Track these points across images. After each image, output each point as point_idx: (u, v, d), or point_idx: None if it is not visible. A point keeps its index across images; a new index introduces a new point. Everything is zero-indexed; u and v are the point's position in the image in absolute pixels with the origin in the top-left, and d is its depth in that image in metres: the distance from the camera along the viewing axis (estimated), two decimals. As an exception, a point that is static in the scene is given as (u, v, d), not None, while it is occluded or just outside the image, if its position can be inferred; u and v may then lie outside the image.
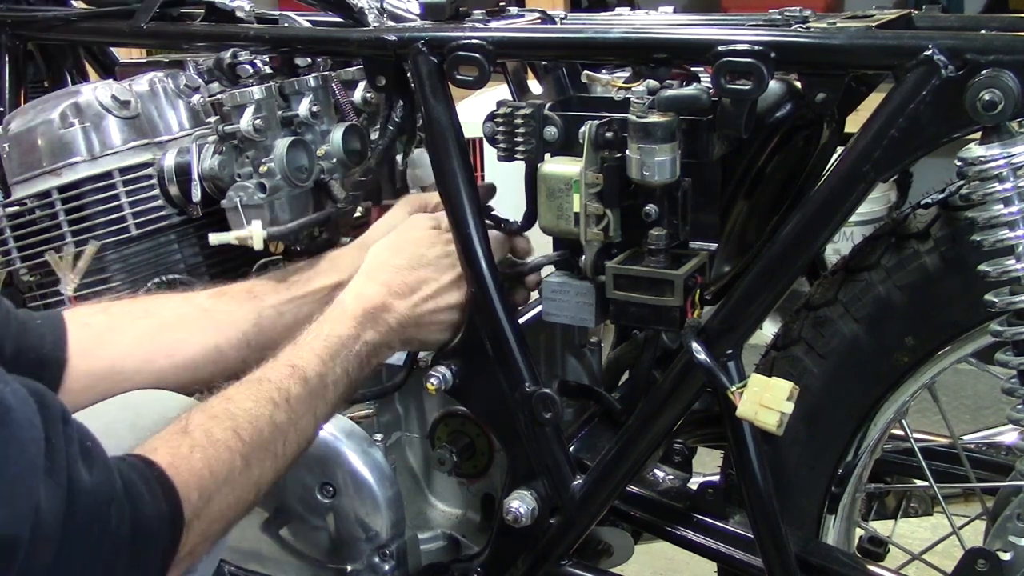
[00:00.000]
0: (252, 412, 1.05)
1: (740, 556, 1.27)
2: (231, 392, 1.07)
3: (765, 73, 1.05)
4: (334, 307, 1.21)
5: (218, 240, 1.32)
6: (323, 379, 1.14)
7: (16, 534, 0.78)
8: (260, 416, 1.05)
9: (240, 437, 1.02)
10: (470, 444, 1.41)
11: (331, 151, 1.39)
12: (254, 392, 1.07)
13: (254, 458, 1.03)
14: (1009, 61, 0.97)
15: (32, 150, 1.40)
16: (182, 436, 0.98)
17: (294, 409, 1.09)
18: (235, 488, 1.00)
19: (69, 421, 0.87)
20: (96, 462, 0.86)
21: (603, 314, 1.21)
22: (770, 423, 1.07)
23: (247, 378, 1.10)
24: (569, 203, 1.16)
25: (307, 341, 1.16)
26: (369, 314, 1.20)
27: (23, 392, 0.84)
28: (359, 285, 1.24)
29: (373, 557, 1.36)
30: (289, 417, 1.08)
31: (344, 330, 1.18)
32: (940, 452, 1.44)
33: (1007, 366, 1.06)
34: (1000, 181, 1.00)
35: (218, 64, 1.38)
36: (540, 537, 1.29)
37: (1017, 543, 1.13)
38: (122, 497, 0.86)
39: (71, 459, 0.84)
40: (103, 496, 0.85)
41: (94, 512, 0.84)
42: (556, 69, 1.38)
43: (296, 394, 1.10)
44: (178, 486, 0.93)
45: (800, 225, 1.09)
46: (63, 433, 0.85)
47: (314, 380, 1.13)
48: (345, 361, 1.17)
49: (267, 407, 1.06)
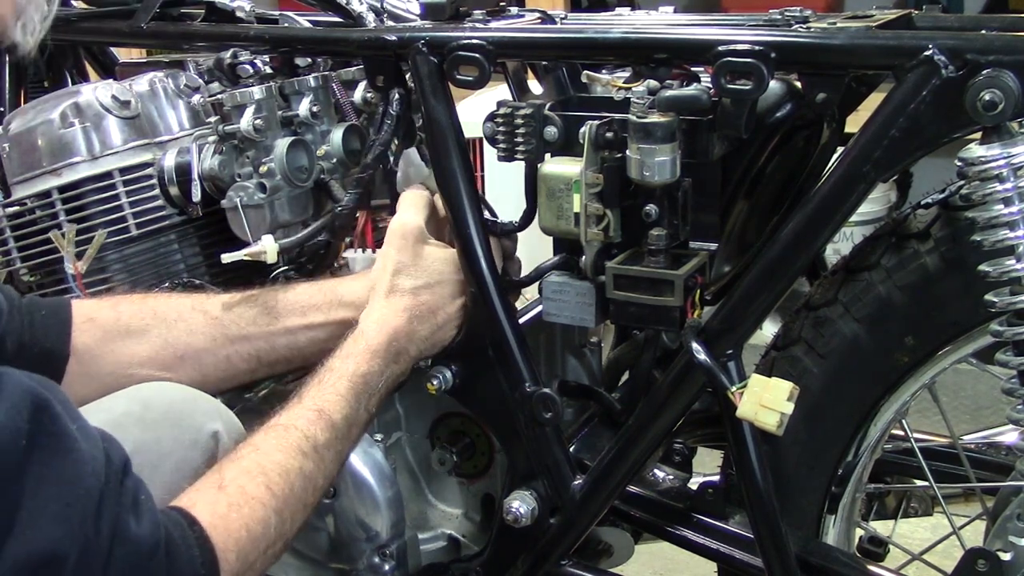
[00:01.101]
0: (282, 465, 1.04)
1: (740, 556, 1.27)
2: (259, 441, 1.06)
3: (765, 73, 1.05)
4: (357, 340, 1.19)
5: (231, 258, 1.31)
6: (348, 421, 1.13)
7: (66, 553, 0.80)
8: (290, 469, 1.04)
9: (272, 492, 1.01)
10: (470, 444, 1.41)
11: (331, 151, 1.39)
12: (283, 442, 1.06)
13: (287, 512, 1.02)
14: (1009, 61, 0.97)
15: (32, 150, 1.40)
16: (219, 492, 0.98)
17: (322, 456, 1.08)
18: (269, 544, 1.00)
19: (129, 473, 0.89)
20: (145, 515, 0.87)
21: (603, 314, 1.21)
22: (770, 423, 1.07)
23: (274, 423, 1.09)
24: (569, 203, 1.16)
25: (332, 382, 1.14)
26: (392, 348, 1.19)
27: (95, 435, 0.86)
28: (379, 312, 1.21)
29: (373, 557, 1.36)
30: (317, 466, 1.08)
31: (368, 367, 1.17)
32: (940, 452, 1.44)
33: (1007, 366, 1.06)
34: (1000, 181, 1.00)
35: (218, 64, 1.38)
36: (540, 537, 1.29)
37: (1017, 543, 1.13)
38: (163, 554, 0.87)
39: (123, 507, 0.85)
40: (146, 548, 0.86)
41: (135, 562, 0.85)
42: (556, 69, 1.38)
43: (324, 441, 1.09)
44: (217, 548, 0.93)
45: (800, 225, 1.09)
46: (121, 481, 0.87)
47: (340, 424, 1.12)
48: (368, 400, 1.17)
49: (296, 458, 1.05)
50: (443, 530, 1.45)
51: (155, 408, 1.14)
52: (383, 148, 1.32)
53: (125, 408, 1.13)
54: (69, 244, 1.37)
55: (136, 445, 1.09)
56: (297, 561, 1.42)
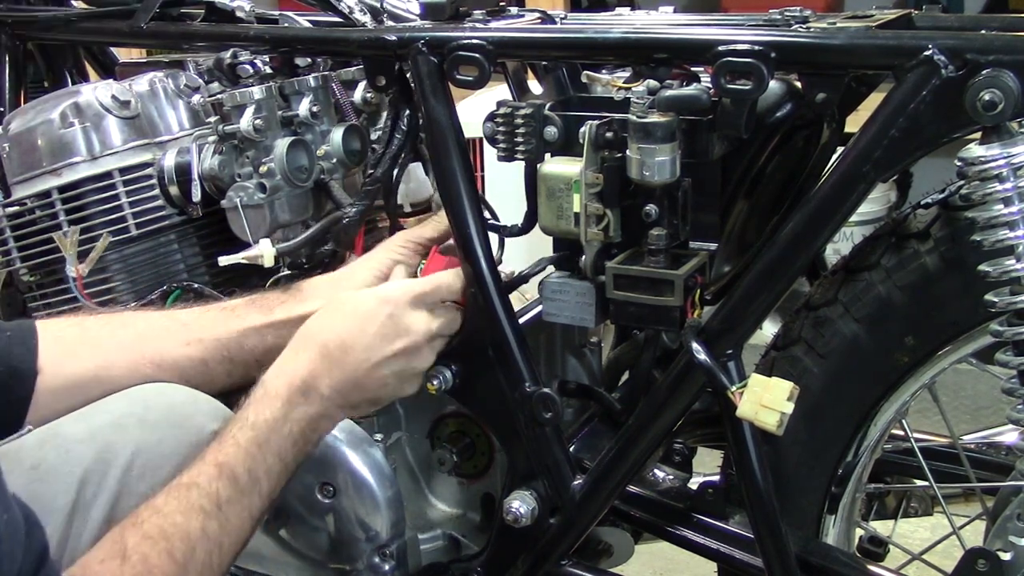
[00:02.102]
0: (183, 528, 1.01)
1: (740, 556, 1.27)
2: (161, 503, 1.03)
3: (765, 73, 1.05)
4: (257, 388, 1.14)
5: (228, 261, 1.31)
6: (253, 473, 1.08)
7: None
8: (191, 532, 1.01)
9: (175, 559, 0.99)
10: (470, 444, 1.41)
11: (331, 151, 1.39)
12: (183, 503, 1.03)
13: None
14: (1009, 61, 0.97)
15: (32, 150, 1.40)
16: (122, 564, 0.96)
17: (225, 514, 1.05)
18: None
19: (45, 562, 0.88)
20: None
21: (603, 314, 1.21)
22: (770, 423, 1.07)
23: (176, 483, 1.05)
24: (569, 203, 1.16)
25: (232, 433, 1.10)
26: (296, 389, 1.13)
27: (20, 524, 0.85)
28: (283, 360, 1.17)
29: (373, 557, 1.36)
30: (221, 525, 1.04)
31: (269, 413, 1.11)
32: (940, 452, 1.44)
33: (1007, 366, 1.06)
34: (1000, 181, 1.00)
35: (218, 64, 1.38)
36: (540, 537, 1.29)
37: (1017, 543, 1.13)
38: None
39: None
40: None
41: None
42: (556, 69, 1.38)
43: (226, 496, 1.05)
44: None
45: (800, 225, 1.09)
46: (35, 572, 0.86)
47: (243, 477, 1.07)
48: (277, 447, 1.11)
49: (198, 519, 1.02)
50: (443, 530, 1.45)
51: (156, 409, 1.14)
52: (391, 162, 1.32)
53: (126, 409, 1.13)
54: (72, 247, 1.37)
55: (138, 446, 1.10)
56: (297, 561, 1.42)
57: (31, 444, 1.10)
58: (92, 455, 1.09)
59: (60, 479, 1.07)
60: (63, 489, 1.07)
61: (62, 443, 1.10)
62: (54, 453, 1.09)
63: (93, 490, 1.08)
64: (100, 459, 1.09)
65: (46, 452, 1.09)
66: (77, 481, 1.07)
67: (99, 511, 1.08)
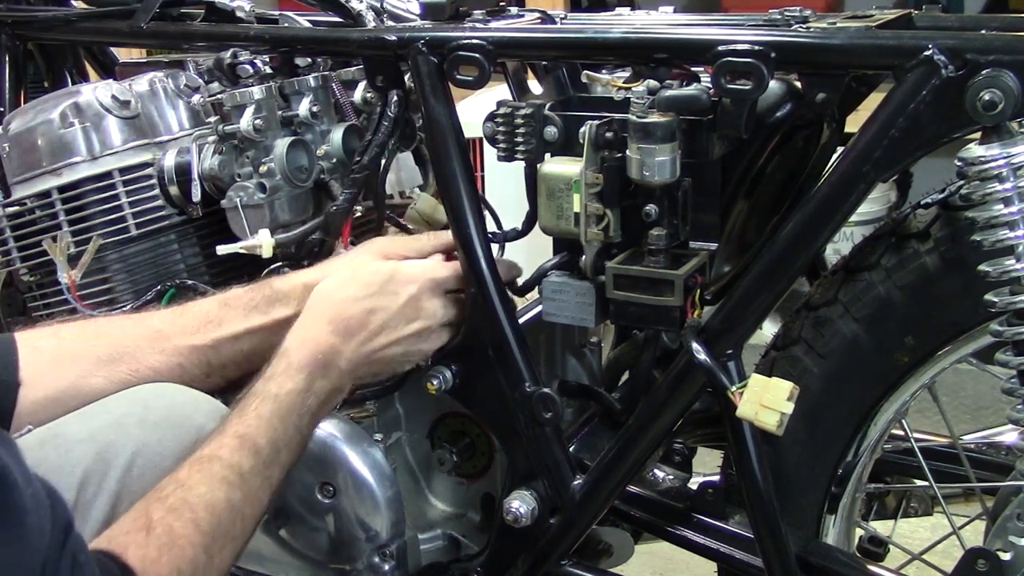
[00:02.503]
0: (207, 499, 1.02)
1: (740, 556, 1.27)
2: (183, 476, 1.04)
3: (765, 73, 1.05)
4: (279, 360, 1.15)
5: (226, 251, 1.31)
6: (275, 445, 1.10)
7: None
8: (216, 502, 1.02)
9: (200, 529, 1.00)
10: (470, 444, 1.41)
11: (331, 151, 1.39)
12: (206, 474, 1.04)
13: (215, 547, 1.01)
14: (1009, 61, 0.97)
15: (32, 150, 1.40)
16: (148, 536, 0.97)
17: (248, 484, 1.06)
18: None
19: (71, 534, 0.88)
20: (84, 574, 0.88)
21: (603, 314, 1.21)
22: (770, 423, 1.07)
23: (197, 456, 1.06)
24: (569, 203, 1.16)
25: (254, 406, 1.11)
26: (318, 362, 1.15)
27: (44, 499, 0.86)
28: (303, 329, 1.18)
29: (373, 557, 1.36)
30: (244, 494, 1.05)
31: (292, 385, 1.13)
32: (940, 452, 1.44)
33: (1007, 366, 1.05)
34: (1000, 181, 1.00)
35: (218, 64, 1.38)
36: (540, 537, 1.29)
37: (1017, 543, 1.13)
38: None
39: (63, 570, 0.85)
40: None
41: None
42: (556, 69, 1.38)
43: (249, 467, 1.06)
44: None
45: (800, 225, 1.10)
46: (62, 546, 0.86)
47: (266, 449, 1.09)
48: (297, 419, 1.13)
49: (221, 489, 1.03)
50: (443, 530, 1.45)
51: (156, 409, 1.14)
52: (379, 149, 1.32)
53: (126, 409, 1.13)
54: (62, 253, 1.37)
55: (138, 446, 1.10)
56: (297, 561, 1.42)
57: (31, 444, 1.10)
58: (92, 455, 1.09)
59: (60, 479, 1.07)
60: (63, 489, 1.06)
61: (62, 443, 1.10)
62: (54, 453, 1.09)
63: (93, 490, 1.08)
64: (100, 459, 1.09)
65: (46, 452, 1.09)
66: (77, 481, 1.07)
67: (99, 511, 1.08)
